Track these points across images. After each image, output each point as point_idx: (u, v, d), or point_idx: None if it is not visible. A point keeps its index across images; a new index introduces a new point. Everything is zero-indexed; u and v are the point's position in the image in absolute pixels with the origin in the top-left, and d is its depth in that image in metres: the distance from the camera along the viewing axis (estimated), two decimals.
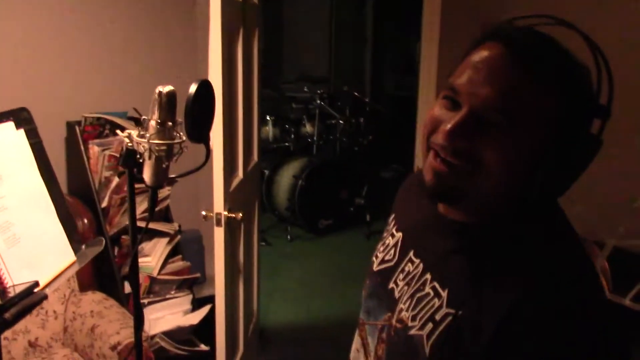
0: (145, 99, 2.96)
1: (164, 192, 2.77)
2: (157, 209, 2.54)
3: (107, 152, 2.70)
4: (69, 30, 2.93)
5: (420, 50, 3.27)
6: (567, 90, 0.82)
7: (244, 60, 2.58)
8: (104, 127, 2.78)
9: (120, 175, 2.68)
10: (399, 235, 1.08)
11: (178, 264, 2.77)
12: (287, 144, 5.48)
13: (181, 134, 1.20)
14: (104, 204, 2.65)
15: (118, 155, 2.72)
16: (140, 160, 1.20)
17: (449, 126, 0.82)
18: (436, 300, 0.89)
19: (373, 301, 1.06)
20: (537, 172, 0.83)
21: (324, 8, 7.06)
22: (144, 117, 1.19)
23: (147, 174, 1.20)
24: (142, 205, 2.58)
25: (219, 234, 2.35)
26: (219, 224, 2.32)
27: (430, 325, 0.88)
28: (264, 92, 3.01)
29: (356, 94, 5.81)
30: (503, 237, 0.87)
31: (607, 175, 2.54)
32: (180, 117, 1.19)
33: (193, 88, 1.14)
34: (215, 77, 2.14)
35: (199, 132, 1.19)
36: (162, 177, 1.21)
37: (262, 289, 3.32)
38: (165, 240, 2.73)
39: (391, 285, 1.02)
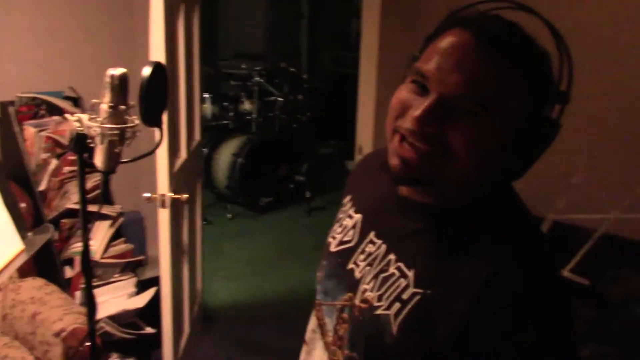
0: (81, 78, 2.87)
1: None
2: (96, 192, 2.47)
3: (43, 134, 2.59)
4: (1, 8, 2.78)
5: (358, 26, 3.28)
6: (532, 77, 0.84)
7: (185, 39, 2.52)
8: (39, 108, 2.67)
9: (58, 157, 2.58)
10: (358, 216, 1.08)
11: (121, 246, 2.71)
12: (226, 121, 5.42)
13: (134, 117, 1.17)
14: (42, 187, 2.55)
15: (55, 136, 2.62)
16: (92, 145, 1.17)
17: (418, 112, 0.83)
18: (402, 280, 0.91)
19: (331, 282, 1.07)
20: (503, 156, 0.86)
21: None
22: (94, 100, 1.16)
23: (99, 159, 1.16)
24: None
25: (163, 215, 2.32)
26: (163, 205, 2.28)
27: (397, 305, 0.90)
28: (201, 69, 2.96)
29: (293, 70, 5.79)
30: (468, 218, 0.90)
31: (545, 153, 2.65)
32: (132, 100, 1.16)
33: (147, 71, 1.12)
34: (158, 55, 2.09)
35: (153, 116, 1.16)
36: (114, 162, 1.18)
37: (204, 268, 3.30)
38: (107, 223, 2.67)
39: (351, 265, 1.03)
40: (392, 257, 0.95)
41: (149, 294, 2.59)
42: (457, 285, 0.84)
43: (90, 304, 1.28)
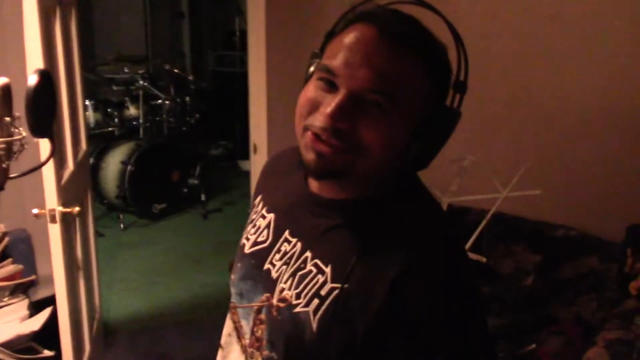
0: None
1: None
2: None
3: None
4: None
5: (241, 24, 3.26)
6: (434, 70, 0.88)
7: (63, 44, 2.40)
8: None
9: None
10: (271, 216, 1.08)
11: (8, 268, 2.53)
12: (110, 128, 5.21)
13: (20, 129, 1.10)
14: None
15: None
16: None
17: (329, 109, 0.84)
18: (320, 276, 0.92)
19: (247, 284, 1.06)
20: (409, 146, 0.88)
21: None
22: None
23: None
24: None
25: (54, 231, 2.20)
26: (53, 220, 2.17)
27: (316, 301, 0.91)
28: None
29: (178, 71, 5.67)
30: (379, 210, 0.92)
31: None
32: (17, 112, 1.09)
33: (33, 79, 1.05)
34: (37, 63, 1.97)
35: (42, 126, 1.10)
36: (2, 178, 1.10)
37: (101, 282, 3.17)
38: None
39: (267, 266, 1.02)
40: (308, 254, 0.96)
41: (44, 315, 2.44)
42: (372, 277, 0.87)
43: None
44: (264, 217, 1.10)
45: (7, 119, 1.06)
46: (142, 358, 3.13)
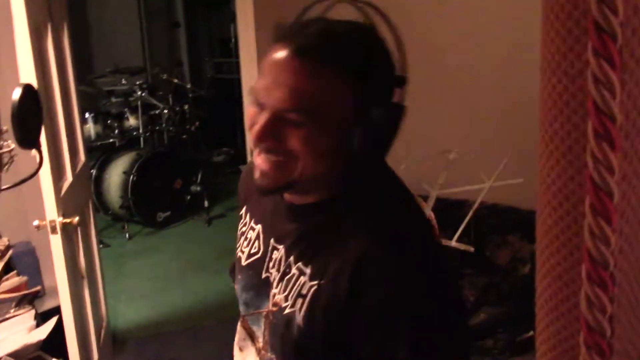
0: None
1: None
2: None
3: None
4: None
5: (236, 31, 3.31)
6: (358, 73, 0.89)
7: (56, 58, 2.45)
8: None
9: None
10: (259, 227, 1.13)
11: (14, 280, 2.58)
12: (111, 140, 5.25)
13: (8, 142, 1.15)
14: None
15: None
16: None
17: (255, 130, 0.90)
18: (302, 277, 0.97)
19: (249, 293, 1.11)
20: (352, 147, 0.91)
21: None
22: None
23: None
24: None
25: (55, 242, 2.25)
26: (54, 231, 2.22)
27: (300, 301, 0.96)
28: (78, 88, 2.88)
29: (176, 80, 5.72)
30: (346, 207, 0.97)
31: (424, 133, 2.80)
32: (5, 125, 1.13)
33: (17, 93, 1.09)
34: (28, 77, 2.02)
35: (30, 138, 1.14)
36: None
37: (108, 292, 3.21)
38: None
39: (265, 274, 1.07)
40: (291, 259, 1.01)
41: (50, 325, 2.48)
42: (339, 269, 0.91)
43: None
44: (252, 229, 1.15)
45: None
46: None
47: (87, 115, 5.03)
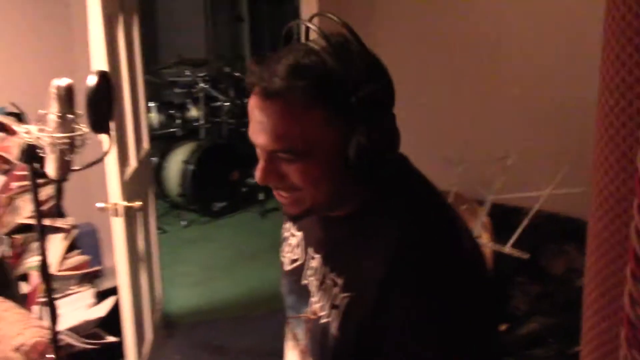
0: (22, 93, 2.85)
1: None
2: (48, 205, 2.47)
3: None
4: None
5: (299, 27, 3.34)
6: (333, 99, 0.88)
7: (126, 48, 2.54)
8: None
9: (5, 173, 2.57)
10: (300, 234, 1.16)
11: (76, 258, 2.71)
12: (173, 129, 5.41)
13: (82, 125, 1.21)
14: None
15: (0, 153, 2.60)
16: (42, 155, 1.20)
17: (257, 174, 0.94)
18: (335, 288, 0.99)
19: (292, 297, 1.15)
20: (352, 165, 0.90)
21: None
22: (41, 111, 1.19)
23: (50, 168, 1.20)
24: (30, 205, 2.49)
25: (117, 224, 2.34)
26: (116, 214, 2.31)
27: (334, 312, 0.98)
28: (144, 78, 2.98)
29: (238, 74, 5.82)
30: (373, 218, 0.98)
31: (481, 137, 2.77)
32: (80, 109, 1.20)
33: (92, 80, 1.16)
34: (100, 65, 2.11)
35: (101, 123, 1.21)
36: (66, 170, 1.22)
37: (163, 276, 3.31)
38: (60, 236, 2.67)
39: (304, 281, 1.10)
40: (326, 268, 1.03)
41: (108, 303, 2.60)
42: (369, 282, 0.92)
43: (52, 313, 1.31)
44: (294, 235, 1.18)
45: (70, 116, 1.17)
46: (199, 349, 3.25)
47: (151, 104, 5.19)
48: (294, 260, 1.15)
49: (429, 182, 1.03)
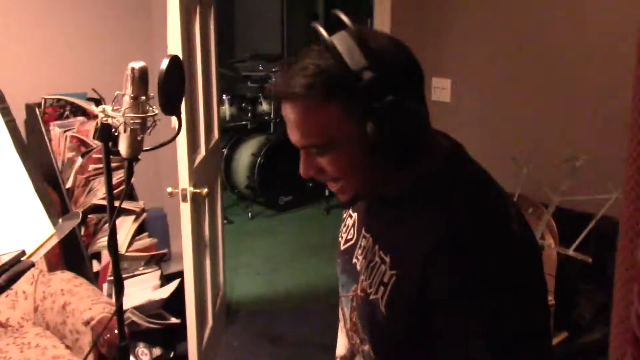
0: (103, 80, 2.98)
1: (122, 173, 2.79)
2: (121, 188, 2.57)
3: (68, 133, 2.71)
4: (26, 12, 2.90)
5: (372, 25, 3.35)
6: (344, 91, 0.92)
7: (201, 39, 2.62)
8: (64, 109, 2.79)
9: (83, 155, 2.69)
10: (355, 215, 1.21)
11: (145, 241, 2.82)
12: (244, 122, 5.51)
13: (154, 107, 1.26)
14: (69, 185, 2.66)
15: (80, 136, 2.74)
16: (116, 134, 1.25)
17: (300, 170, 1.02)
18: (383, 266, 1.03)
19: (344, 276, 1.19)
20: (381, 150, 0.93)
21: None
22: (117, 92, 1.25)
23: (122, 147, 1.25)
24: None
25: (185, 209, 2.41)
26: (184, 199, 2.38)
27: (382, 289, 1.02)
28: (219, 70, 3.06)
29: None
30: (421, 199, 1.01)
31: (549, 137, 2.69)
32: (152, 92, 1.24)
33: (164, 63, 1.20)
34: (175, 52, 2.17)
35: (172, 105, 1.25)
36: (137, 149, 1.26)
37: (227, 265, 3.39)
38: (131, 218, 2.77)
39: (354, 260, 1.15)
40: (376, 247, 1.07)
41: (172, 286, 2.68)
42: (415, 261, 0.95)
43: (119, 291, 1.36)
44: (350, 216, 1.23)
45: (143, 97, 1.22)
46: (257, 337, 3.31)
47: (224, 96, 5.31)
48: (348, 240, 1.20)
49: (481, 169, 1.04)
